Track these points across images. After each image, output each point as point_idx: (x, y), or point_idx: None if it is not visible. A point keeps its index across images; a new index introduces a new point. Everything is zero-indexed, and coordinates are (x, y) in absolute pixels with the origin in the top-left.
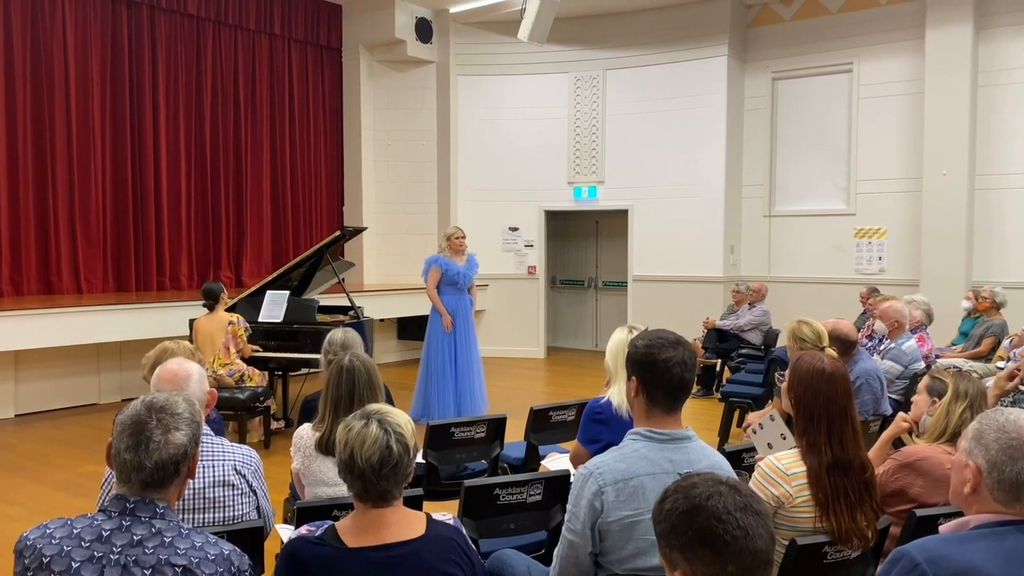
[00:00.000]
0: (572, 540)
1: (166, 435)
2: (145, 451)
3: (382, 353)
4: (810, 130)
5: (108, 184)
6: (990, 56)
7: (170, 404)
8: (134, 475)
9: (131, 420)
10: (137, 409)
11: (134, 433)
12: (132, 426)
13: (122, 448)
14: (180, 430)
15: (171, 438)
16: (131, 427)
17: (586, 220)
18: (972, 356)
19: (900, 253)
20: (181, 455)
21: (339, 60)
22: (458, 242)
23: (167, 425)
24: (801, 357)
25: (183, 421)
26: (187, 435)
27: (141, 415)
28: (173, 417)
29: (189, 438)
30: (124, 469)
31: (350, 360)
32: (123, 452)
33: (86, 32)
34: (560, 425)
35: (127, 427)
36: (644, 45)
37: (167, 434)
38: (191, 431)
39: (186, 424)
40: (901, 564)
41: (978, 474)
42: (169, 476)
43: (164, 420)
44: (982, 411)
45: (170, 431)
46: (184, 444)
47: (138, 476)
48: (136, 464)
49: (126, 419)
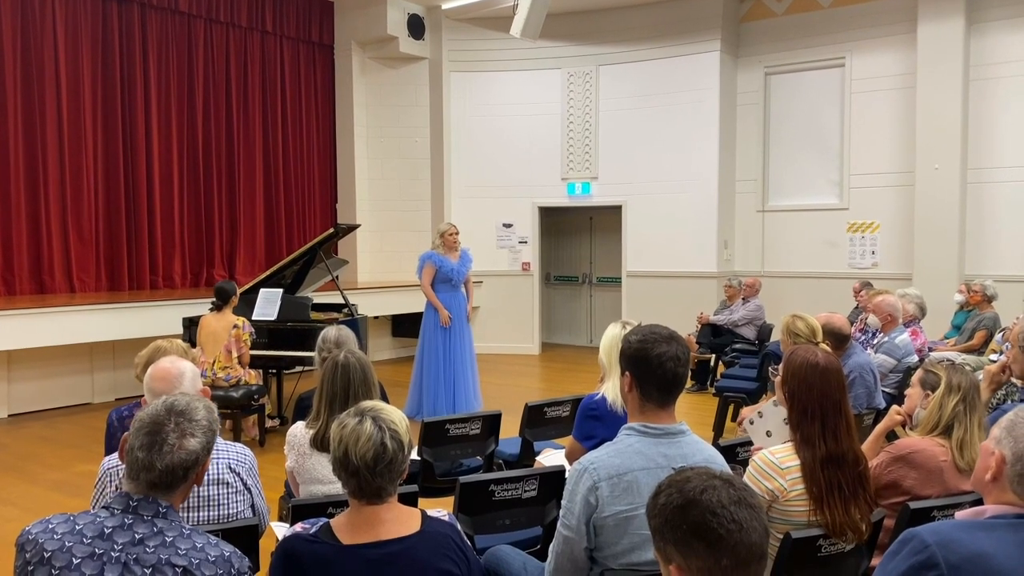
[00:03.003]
0: (567, 535)
1: (181, 440)
2: (158, 453)
3: (376, 350)
4: (803, 125)
5: (100, 182)
6: (982, 50)
7: (190, 410)
8: (143, 474)
9: (150, 419)
10: (157, 409)
11: (150, 433)
12: (150, 425)
13: (136, 446)
14: (195, 436)
15: (185, 443)
16: (148, 426)
17: (580, 216)
18: (965, 349)
19: (893, 247)
20: (192, 462)
21: (331, 57)
22: (452, 239)
23: (183, 430)
24: (794, 351)
25: (199, 428)
26: (201, 443)
27: (160, 416)
28: (191, 423)
29: (202, 446)
30: (134, 466)
31: (345, 357)
32: (136, 450)
33: (76, 30)
34: (555, 421)
35: (145, 426)
36: (637, 40)
37: (182, 439)
38: (206, 439)
39: (202, 432)
40: (911, 545)
41: (1002, 463)
42: (177, 480)
43: (181, 424)
44: (975, 404)
45: (185, 436)
46: (196, 451)
47: (147, 476)
48: (147, 464)
49: (145, 417)
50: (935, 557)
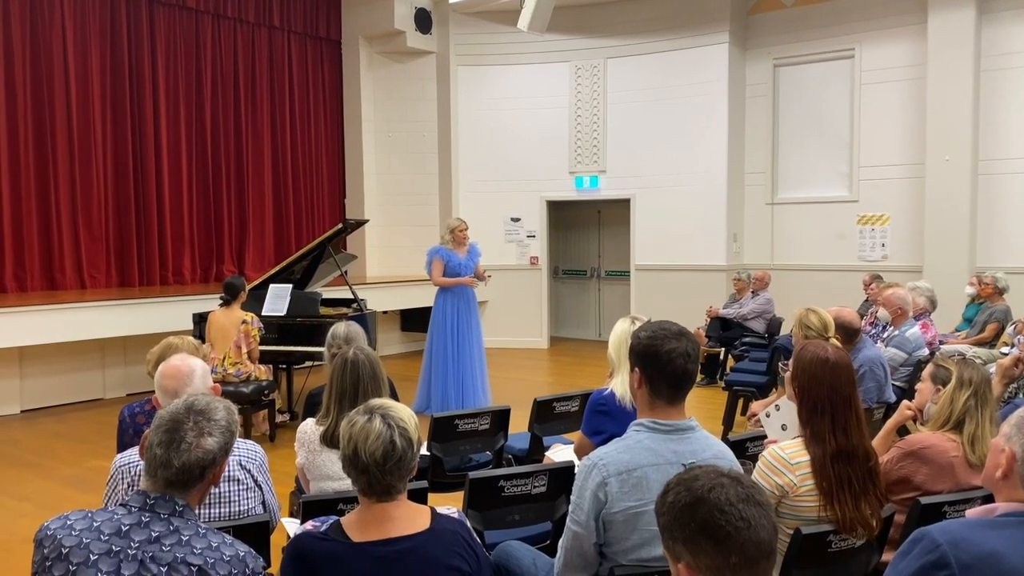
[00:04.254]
0: (576, 531)
1: (199, 438)
2: (176, 450)
3: (385, 345)
4: (812, 117)
5: (110, 179)
6: (993, 40)
7: (210, 409)
8: (160, 471)
9: (170, 417)
10: (178, 407)
11: (169, 431)
12: (169, 423)
13: (155, 443)
14: (213, 436)
15: (203, 442)
16: (168, 424)
17: (588, 210)
18: (976, 342)
19: (903, 239)
20: (209, 461)
21: (339, 52)
22: (461, 235)
23: (202, 429)
24: (804, 346)
25: (218, 428)
26: (219, 442)
27: (180, 415)
28: (209, 422)
29: (220, 446)
30: (152, 463)
31: (354, 353)
32: (155, 447)
33: (85, 26)
34: (564, 416)
35: (164, 423)
36: (645, 33)
37: (200, 437)
38: (224, 439)
39: (220, 432)
40: (922, 544)
41: (1012, 460)
42: (193, 479)
43: (200, 424)
44: (987, 398)
45: (203, 435)
46: (214, 451)
47: (164, 473)
48: (164, 461)
49: (165, 415)
50: (946, 557)
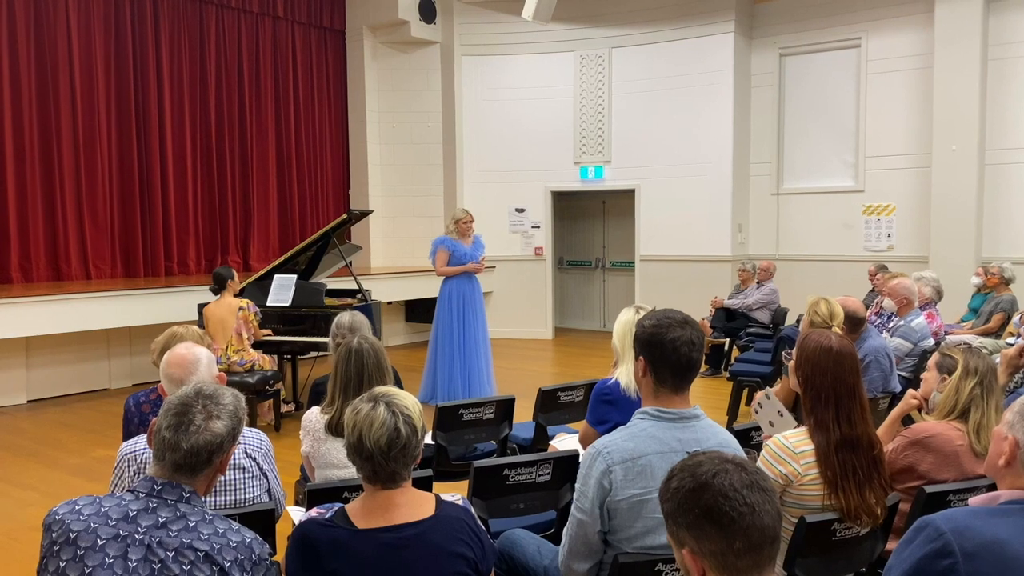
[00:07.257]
0: (581, 519)
1: (207, 421)
2: (184, 433)
3: (390, 336)
4: (818, 106)
5: (114, 169)
6: (1000, 29)
7: (218, 394)
8: (168, 455)
9: (178, 401)
10: (186, 392)
11: (178, 414)
12: (178, 407)
13: (164, 426)
14: (221, 419)
15: (211, 425)
16: (177, 408)
17: (593, 200)
18: (982, 332)
19: (909, 229)
20: (216, 444)
21: (343, 42)
22: (466, 226)
23: (210, 412)
24: (808, 336)
25: (226, 412)
26: (227, 426)
27: (189, 399)
28: (218, 406)
29: (228, 430)
30: (161, 447)
31: (359, 342)
32: (164, 430)
33: (89, 16)
34: (568, 405)
35: (173, 407)
36: (650, 22)
37: (208, 420)
38: (232, 424)
39: (228, 416)
40: (926, 533)
41: (1015, 448)
42: (201, 463)
43: (208, 407)
44: (992, 388)
45: (212, 418)
46: (221, 434)
47: (172, 456)
48: (173, 444)
49: (174, 400)
50: (950, 545)
